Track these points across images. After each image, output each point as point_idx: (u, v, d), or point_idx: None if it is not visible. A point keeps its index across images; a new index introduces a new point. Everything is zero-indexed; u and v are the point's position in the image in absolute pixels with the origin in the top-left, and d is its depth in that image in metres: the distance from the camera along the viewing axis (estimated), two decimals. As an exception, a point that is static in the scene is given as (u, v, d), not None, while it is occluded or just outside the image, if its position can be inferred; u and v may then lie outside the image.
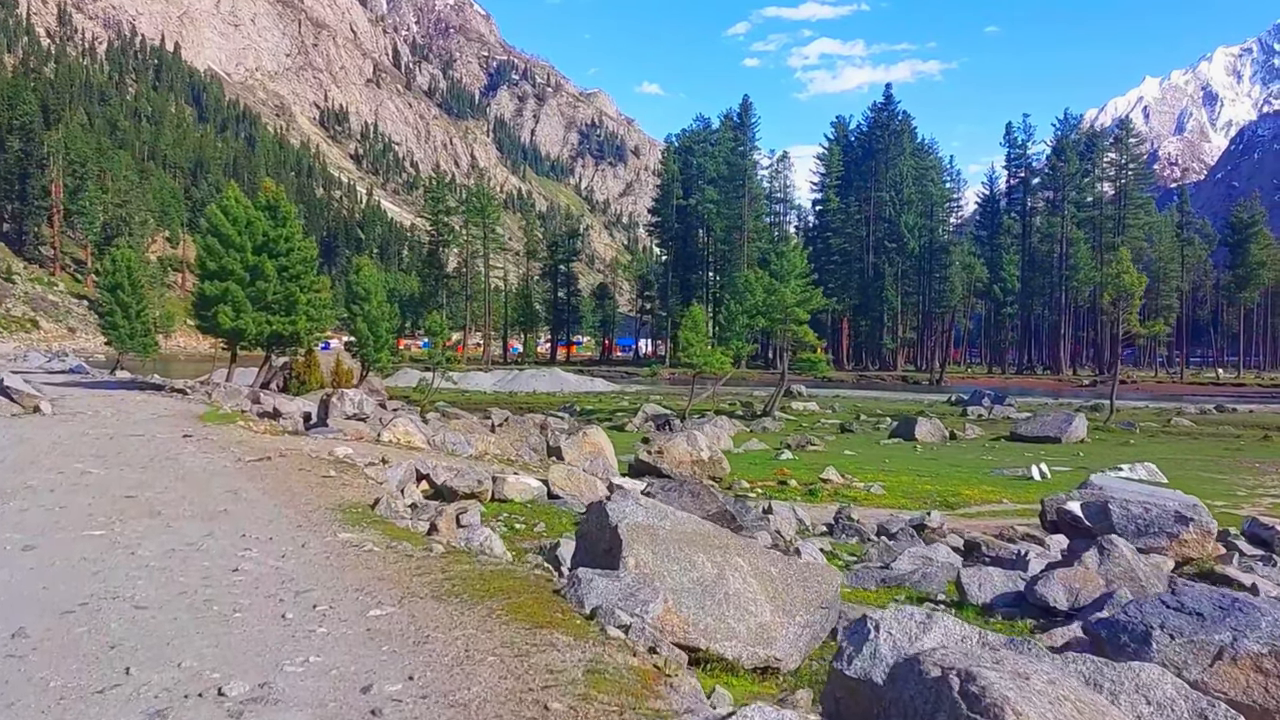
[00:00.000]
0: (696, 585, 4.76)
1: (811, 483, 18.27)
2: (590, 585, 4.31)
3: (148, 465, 9.86)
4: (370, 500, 7.91)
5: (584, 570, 4.46)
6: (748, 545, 5.19)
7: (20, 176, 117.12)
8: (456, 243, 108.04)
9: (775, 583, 4.94)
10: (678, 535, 4.98)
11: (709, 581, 4.78)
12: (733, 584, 4.81)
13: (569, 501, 10.97)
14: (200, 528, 6.95)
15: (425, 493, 10.85)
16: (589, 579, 4.34)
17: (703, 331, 37.12)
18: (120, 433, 14.67)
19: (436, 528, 6.84)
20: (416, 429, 16.55)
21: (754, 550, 5.16)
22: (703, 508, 9.47)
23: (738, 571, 4.88)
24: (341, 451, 10.99)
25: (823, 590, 5.00)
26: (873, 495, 17.32)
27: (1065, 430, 35.14)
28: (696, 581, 4.77)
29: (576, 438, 17.60)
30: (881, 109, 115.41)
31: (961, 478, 21.49)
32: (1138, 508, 10.50)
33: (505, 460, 15.84)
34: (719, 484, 17.91)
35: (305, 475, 9.16)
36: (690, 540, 4.96)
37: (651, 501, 5.33)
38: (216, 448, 11.62)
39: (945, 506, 16.90)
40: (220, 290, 32.89)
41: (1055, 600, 6.71)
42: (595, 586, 4.30)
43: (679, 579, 4.76)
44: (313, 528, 6.79)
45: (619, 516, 5.03)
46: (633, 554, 4.79)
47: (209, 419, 17.81)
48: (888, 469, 23.63)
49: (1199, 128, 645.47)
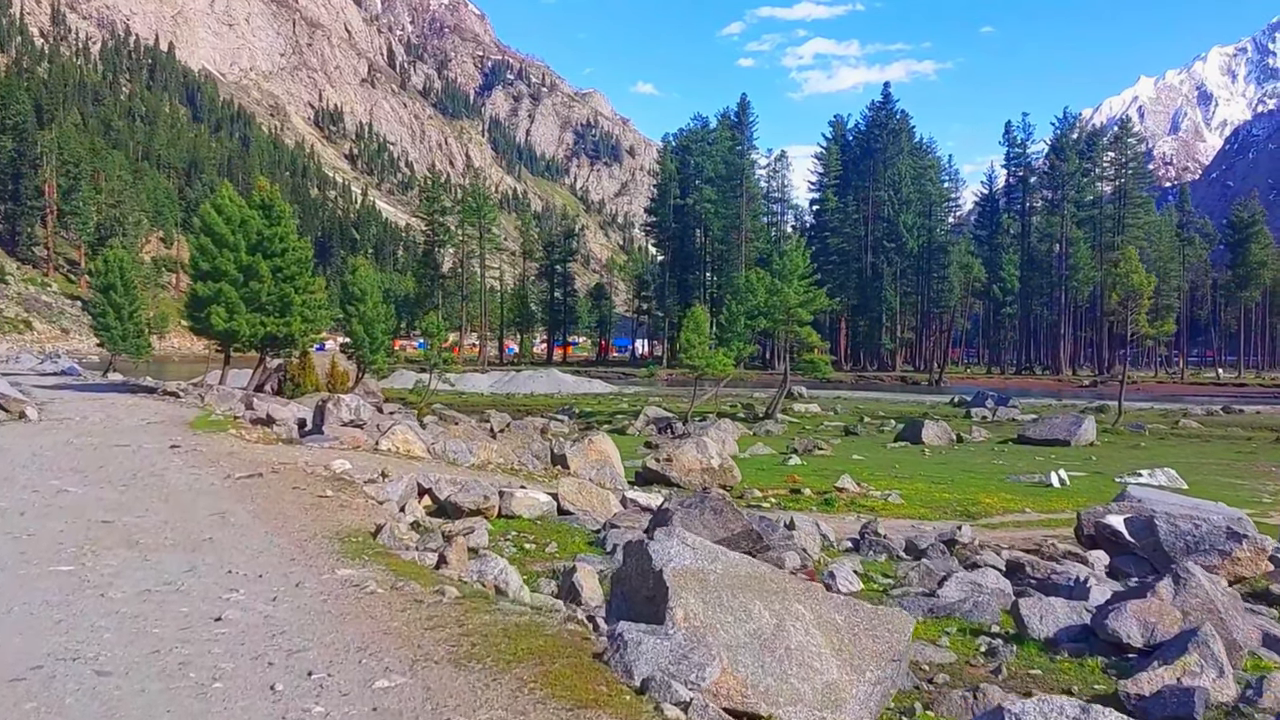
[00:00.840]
0: (754, 639, 4.11)
1: (826, 491, 17.62)
2: (639, 649, 3.64)
3: (130, 483, 9.14)
4: (371, 526, 7.18)
5: (629, 629, 3.79)
6: (808, 591, 4.53)
7: (13, 176, 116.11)
8: (452, 243, 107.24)
9: (841, 633, 4.29)
10: (730, 580, 4.32)
11: (768, 634, 4.14)
12: (794, 636, 4.16)
13: (580, 518, 10.30)
14: (182, 561, 6.28)
15: (428, 509, 10.18)
16: (636, 640, 3.67)
17: (704, 332, 36.46)
18: (105, 442, 13.95)
19: (446, 560, 6.16)
20: (416, 437, 15.86)
21: (815, 595, 4.51)
22: (726, 526, 8.82)
23: (799, 621, 4.23)
24: (338, 466, 10.30)
25: (894, 641, 4.36)
26: (890, 504, 16.66)
27: (1074, 433, 34.53)
28: (754, 635, 4.12)
29: (582, 445, 16.93)
30: (880, 108, 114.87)
31: (977, 484, 20.86)
32: (1186, 523, 9.88)
33: (509, 470, 15.16)
34: (730, 492, 17.26)
35: (299, 495, 8.46)
36: (745, 585, 4.31)
37: (699, 540, 4.67)
38: (205, 461, 10.91)
39: (966, 516, 16.26)
40: (213, 291, 32.15)
41: (1129, 636, 6.09)
42: (644, 650, 3.63)
43: (734, 632, 4.11)
44: (308, 561, 6.08)
45: (663, 559, 4.36)
46: (681, 604, 4.14)
47: (199, 426, 17.10)
48: (899, 474, 22.99)
49: (1194, 127, 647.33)
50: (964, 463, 27.20)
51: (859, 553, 11.08)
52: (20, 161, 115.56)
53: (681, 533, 4.73)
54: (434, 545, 7.28)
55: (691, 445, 17.27)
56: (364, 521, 7.36)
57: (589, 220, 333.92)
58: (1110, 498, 19.52)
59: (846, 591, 8.17)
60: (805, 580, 5.25)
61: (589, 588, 7.44)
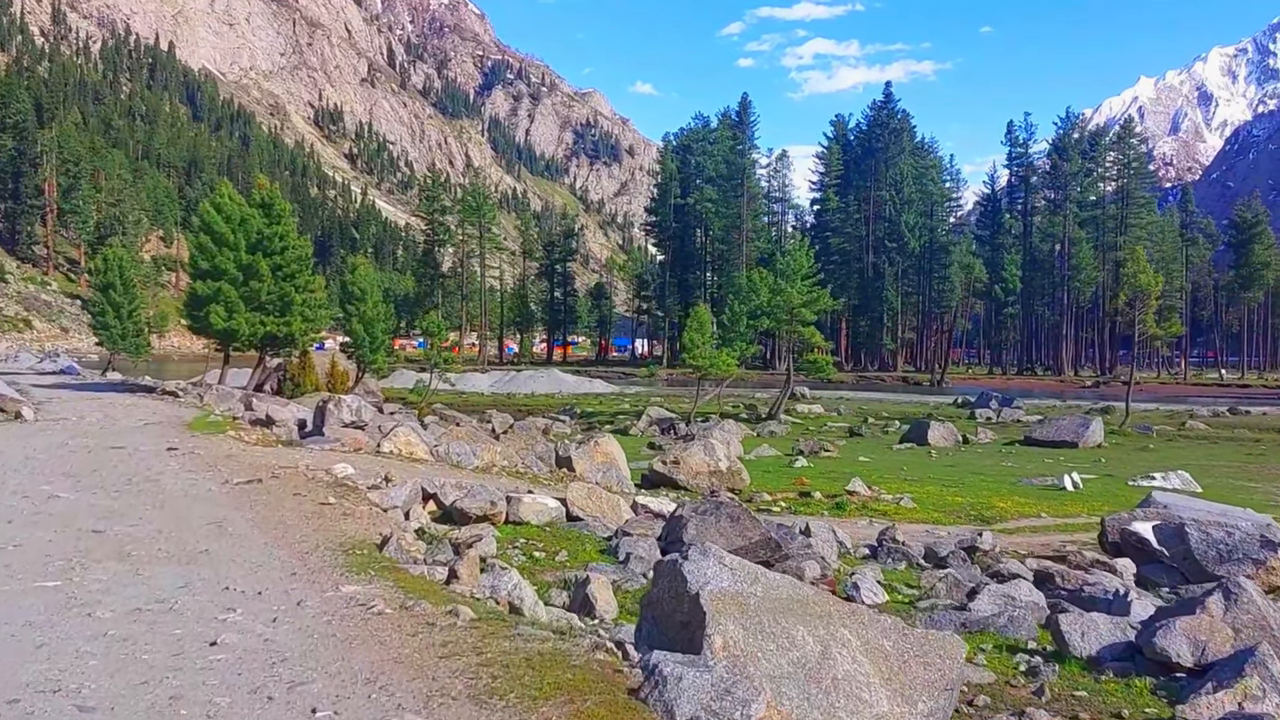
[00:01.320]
0: (798, 669, 3.76)
1: (836, 494, 17.27)
2: (679, 685, 3.28)
3: (124, 489, 8.77)
4: (376, 536, 6.80)
5: (666, 661, 3.44)
6: (854, 613, 4.19)
7: (13, 175, 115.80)
8: (452, 242, 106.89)
9: (890, 660, 3.96)
10: (771, 603, 3.97)
11: (812, 663, 3.79)
12: (841, 664, 3.82)
13: (590, 524, 9.95)
14: (176, 575, 5.91)
15: (433, 515, 9.83)
16: (675, 675, 3.31)
17: (708, 332, 36.10)
18: (101, 444, 13.59)
19: (457, 574, 5.80)
20: (419, 438, 15.51)
21: (861, 619, 4.16)
22: (744, 534, 8.48)
23: (845, 647, 3.88)
24: (340, 470, 9.94)
25: (946, 668, 4.02)
26: (903, 509, 16.32)
27: (1082, 435, 34.18)
28: (798, 664, 3.77)
29: (587, 447, 16.59)
30: (881, 107, 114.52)
31: (989, 487, 20.52)
32: (1218, 531, 9.54)
33: (514, 473, 14.81)
34: (738, 496, 16.92)
35: (301, 502, 8.09)
36: (787, 609, 3.96)
37: (738, 560, 4.33)
38: (202, 465, 10.54)
39: (980, 521, 15.93)
40: (213, 290, 31.81)
41: (1179, 656, 5.75)
42: (685, 687, 3.28)
43: (777, 661, 3.76)
44: (310, 576, 5.71)
45: (699, 581, 4.01)
46: (719, 631, 3.79)
47: (197, 428, 16.74)
48: (908, 477, 22.66)
49: (1194, 128, 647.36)
50: (972, 465, 26.87)
51: (877, 560, 10.74)
52: (20, 160, 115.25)
53: (718, 551, 4.39)
54: (443, 558, 6.92)
55: (699, 448, 16.93)
56: (368, 531, 6.99)
57: (588, 220, 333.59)
58: (1124, 501, 19.19)
59: (871, 604, 7.83)
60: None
61: (603, 600, 7.10)
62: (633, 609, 7.42)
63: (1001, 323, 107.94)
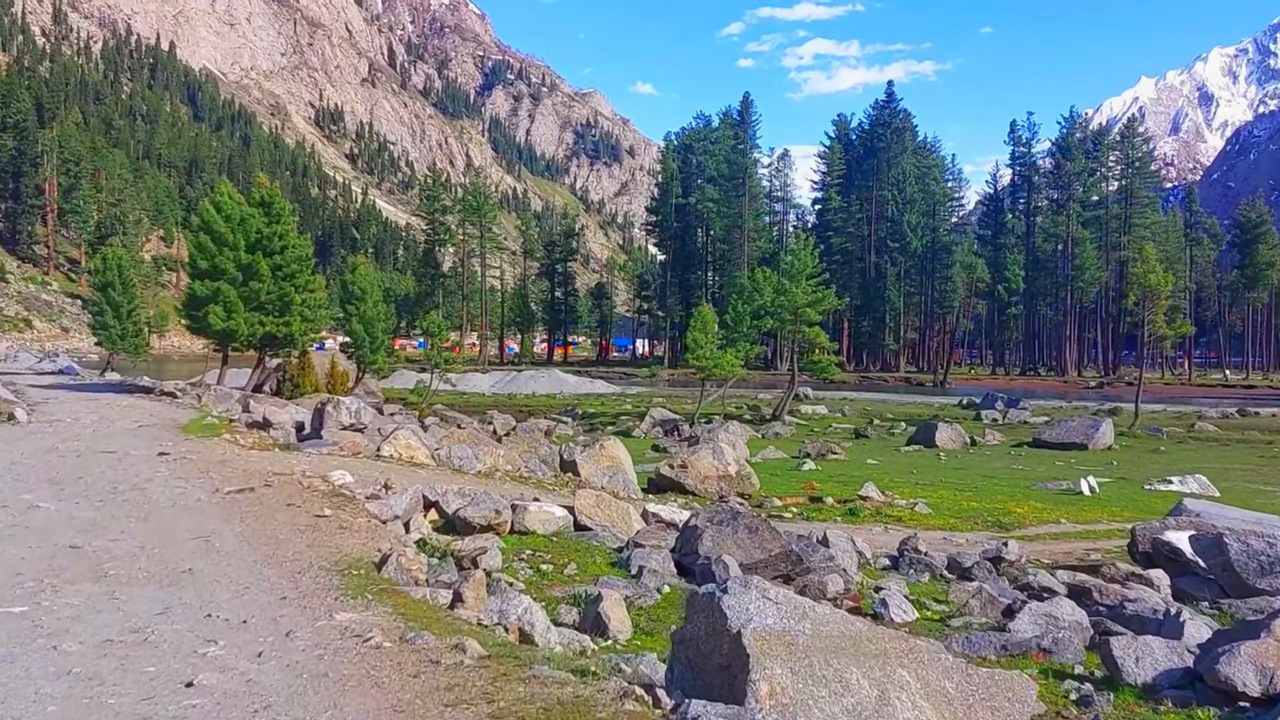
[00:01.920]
0: (853, 718, 3.31)
1: (849, 499, 16.79)
2: (724, 748, 2.85)
3: (108, 498, 8.30)
4: (375, 553, 6.26)
5: (705, 714, 2.98)
6: (911, 652, 3.73)
7: (14, 175, 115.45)
8: (452, 241, 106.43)
9: (955, 705, 3.50)
10: (822, 642, 3.51)
11: (869, 710, 3.34)
12: (901, 712, 3.36)
13: (599, 534, 9.48)
14: (154, 599, 5.43)
15: (435, 524, 9.37)
16: (719, 735, 2.87)
17: (712, 333, 35.61)
18: (91, 448, 13.12)
19: (462, 597, 5.32)
20: (419, 442, 15.04)
21: (920, 657, 3.71)
22: (763, 547, 8.02)
23: (904, 691, 3.43)
24: (338, 478, 9.47)
25: (1016, 713, 3.57)
26: (918, 515, 15.83)
27: (1092, 436, 33.70)
28: (853, 711, 3.31)
29: (592, 450, 16.12)
30: (884, 106, 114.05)
31: (1003, 491, 20.02)
32: (1259, 542, 9.08)
33: (517, 478, 14.35)
34: (748, 501, 16.45)
35: (295, 513, 7.63)
36: (838, 648, 3.51)
37: (783, 593, 3.88)
38: (194, 471, 10.07)
39: (998, 527, 15.45)
40: (212, 290, 31.37)
41: (1245, 685, 5.30)
42: (731, 749, 2.85)
43: (829, 709, 3.30)
44: (301, 601, 5.21)
45: (741, 618, 3.54)
46: (765, 676, 3.33)
47: (192, 430, 16.28)
48: (918, 480, 22.19)
49: (1194, 128, 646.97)
50: (982, 467, 26.41)
51: (899, 571, 10.27)
52: (21, 160, 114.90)
53: (761, 583, 3.92)
54: (447, 577, 6.45)
55: (707, 451, 16.46)
56: (366, 547, 6.49)
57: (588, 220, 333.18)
58: (1144, 507, 18.70)
59: (900, 622, 7.36)
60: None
61: (617, 619, 6.63)
62: (647, 628, 6.96)
63: (1004, 323, 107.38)
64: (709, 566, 7.80)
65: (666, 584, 7.76)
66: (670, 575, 8.01)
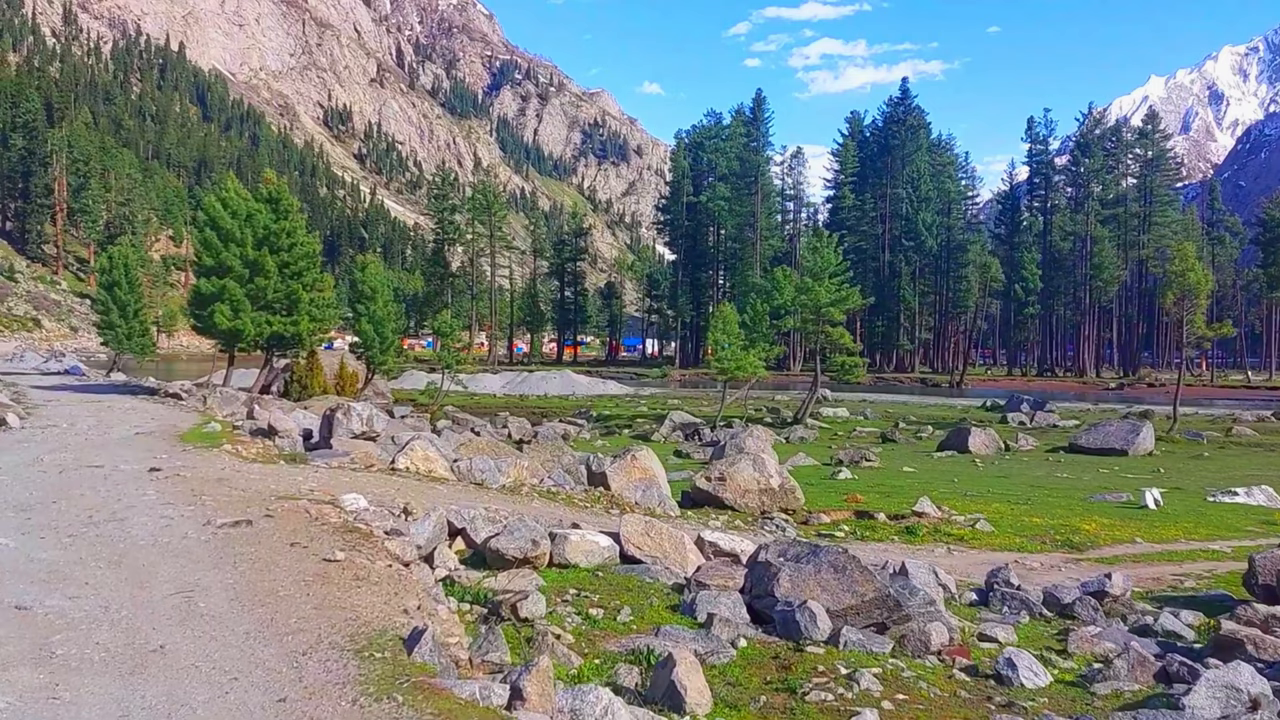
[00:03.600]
0: None
1: (901, 515, 15.50)
2: None
3: (80, 533, 7.03)
4: (401, 616, 4.91)
5: None
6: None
7: (23, 174, 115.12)
8: (461, 240, 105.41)
9: None
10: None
11: None
12: None
13: (651, 567, 8.24)
14: (108, 701, 4.14)
15: (461, 555, 8.15)
16: None
17: (735, 333, 34.30)
18: (79, 460, 11.94)
19: (523, 695, 4.02)
20: (437, 452, 13.83)
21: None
22: (853, 589, 6.78)
23: None
24: (350, 502, 8.23)
25: None
26: (980, 533, 14.53)
27: (1131, 441, 32.31)
28: None
29: (623, 462, 14.88)
30: (898, 103, 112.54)
31: (1060, 504, 18.68)
32: None
33: (545, 494, 13.11)
34: (792, 517, 15.18)
35: (300, 556, 6.38)
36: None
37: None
38: (186, 493, 8.84)
39: (1069, 547, 14.15)
40: (217, 287, 30.31)
41: None
42: None
43: None
44: (307, 702, 3.99)
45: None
46: None
47: (191, 439, 15.10)
48: (963, 490, 20.89)
49: (1204, 127, 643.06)
50: (1024, 475, 25.09)
51: (989, 607, 8.99)
52: (30, 159, 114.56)
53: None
54: (496, 657, 5.14)
55: (747, 462, 15.19)
56: (389, 607, 5.17)
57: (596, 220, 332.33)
58: (1216, 521, 17.27)
59: (1033, 687, 6.10)
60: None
61: (694, 689, 5.39)
62: (728, 696, 5.72)
63: (1021, 323, 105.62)
64: (790, 614, 6.57)
65: (742, 636, 6.53)
66: (744, 623, 6.77)
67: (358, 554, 6.31)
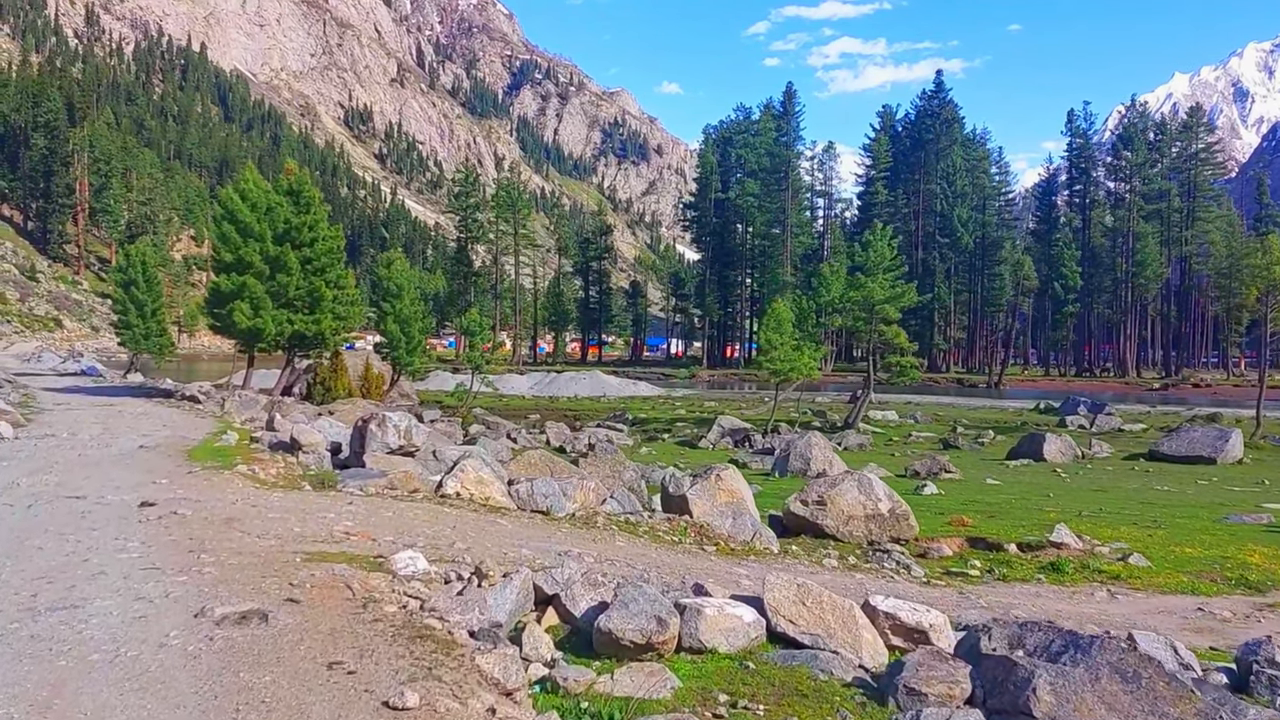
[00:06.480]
0: None
1: (1035, 545, 13.07)
2: None
3: (6, 631, 4.83)
4: None
5: None
6: None
7: (45, 174, 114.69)
8: (484, 239, 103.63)
9: None
10: None
11: None
12: None
13: (818, 654, 5.98)
14: None
15: (555, 634, 5.95)
16: None
17: (788, 331, 31.91)
18: (59, 489, 9.81)
19: None
20: (491, 474, 11.61)
21: None
22: (1159, 711, 4.51)
23: None
24: (404, 565, 5.93)
25: None
26: (1135, 569, 12.10)
27: (1220, 449, 29.68)
28: None
29: (707, 482, 12.61)
30: (932, 97, 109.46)
31: (1197, 528, 16.17)
32: None
33: (624, 525, 10.87)
34: (906, 549, 12.83)
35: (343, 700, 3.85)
36: None
37: None
38: (180, 549, 6.54)
39: (1246, 587, 11.72)
40: (236, 284, 28.37)
41: None
42: None
43: None
44: None
45: None
46: None
47: (202, 455, 12.97)
48: (1064, 507, 18.37)
49: (1229, 124, 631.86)
50: (1120, 488, 22.55)
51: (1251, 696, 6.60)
52: (52, 159, 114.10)
53: None
54: None
55: (852, 484, 12.89)
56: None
57: (616, 219, 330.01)
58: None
59: None
60: None
61: None
62: None
63: (1059, 322, 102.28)
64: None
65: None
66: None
67: (438, 685, 3.75)
